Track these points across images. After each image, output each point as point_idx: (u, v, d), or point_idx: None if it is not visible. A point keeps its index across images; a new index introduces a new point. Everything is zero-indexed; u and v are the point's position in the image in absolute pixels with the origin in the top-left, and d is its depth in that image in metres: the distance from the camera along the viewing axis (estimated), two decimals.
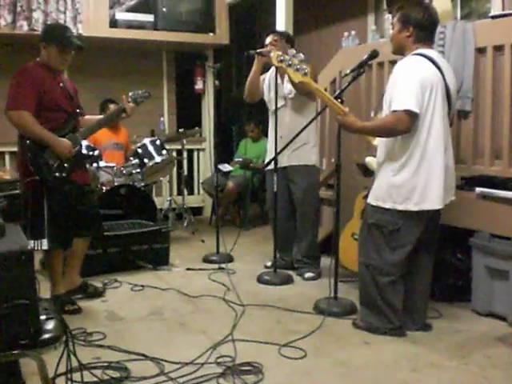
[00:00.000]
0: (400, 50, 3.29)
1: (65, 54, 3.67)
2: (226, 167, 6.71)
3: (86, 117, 3.99)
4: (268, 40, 4.55)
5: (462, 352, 3.10)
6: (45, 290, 3.72)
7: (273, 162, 4.35)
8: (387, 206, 3.23)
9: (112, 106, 5.55)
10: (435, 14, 3.27)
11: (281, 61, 3.56)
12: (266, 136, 6.91)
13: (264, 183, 6.83)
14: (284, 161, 4.50)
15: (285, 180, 4.58)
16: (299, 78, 3.56)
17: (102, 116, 4.15)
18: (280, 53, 3.63)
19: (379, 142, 3.36)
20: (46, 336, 2.03)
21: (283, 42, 4.53)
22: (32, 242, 3.53)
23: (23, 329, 1.96)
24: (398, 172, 3.18)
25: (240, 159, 6.71)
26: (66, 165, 3.64)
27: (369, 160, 3.61)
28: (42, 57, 3.69)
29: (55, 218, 3.62)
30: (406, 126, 3.08)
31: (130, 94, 3.95)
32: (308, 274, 4.56)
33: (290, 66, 3.53)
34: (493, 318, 3.57)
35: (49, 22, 5.70)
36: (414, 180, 3.15)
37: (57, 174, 3.61)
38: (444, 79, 3.16)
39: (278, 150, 4.33)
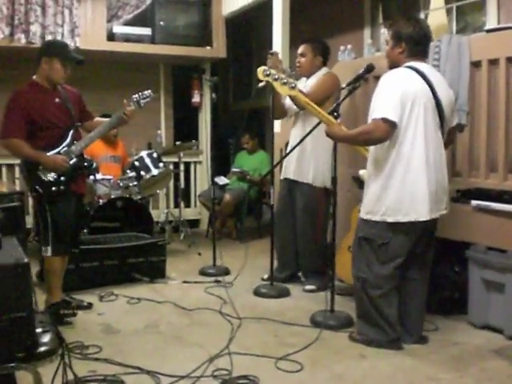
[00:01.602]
0: (394, 66, 3.32)
1: (66, 67, 3.75)
2: (222, 180, 6.70)
3: (96, 119, 4.12)
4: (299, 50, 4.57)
5: (458, 365, 3.10)
6: (41, 303, 3.73)
7: (284, 173, 4.37)
8: (377, 218, 3.24)
9: None
10: (427, 28, 3.32)
11: (267, 75, 3.58)
12: (263, 148, 6.99)
13: (260, 196, 6.87)
14: (290, 173, 4.55)
15: (291, 192, 4.59)
16: (287, 92, 3.59)
17: (106, 120, 4.08)
18: (266, 67, 3.65)
19: (369, 156, 3.38)
20: (42, 349, 2.02)
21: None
22: (42, 248, 3.79)
23: (19, 342, 1.96)
24: (385, 185, 3.20)
25: (237, 170, 6.71)
26: (62, 178, 3.72)
27: (362, 173, 3.63)
28: (40, 72, 3.74)
29: (57, 226, 3.75)
30: (382, 133, 3.11)
31: (133, 96, 3.95)
32: (308, 287, 4.55)
33: (276, 80, 3.55)
34: (489, 331, 3.57)
35: (47, 38, 5.75)
36: (400, 192, 3.16)
37: (53, 189, 3.71)
38: (434, 92, 3.18)
39: (284, 161, 4.38)
